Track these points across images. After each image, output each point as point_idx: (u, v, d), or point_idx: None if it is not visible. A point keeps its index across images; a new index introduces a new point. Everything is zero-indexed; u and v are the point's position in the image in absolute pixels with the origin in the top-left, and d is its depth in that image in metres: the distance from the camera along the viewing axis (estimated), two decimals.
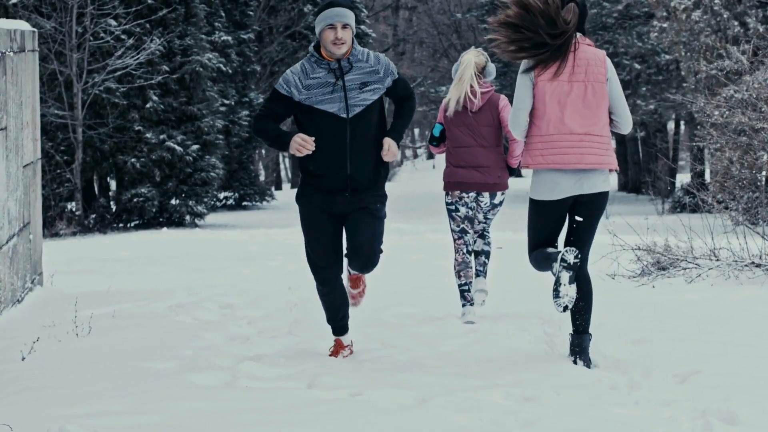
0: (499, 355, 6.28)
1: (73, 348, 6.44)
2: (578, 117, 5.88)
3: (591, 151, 5.88)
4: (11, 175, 8.05)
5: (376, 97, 6.14)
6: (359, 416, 4.77)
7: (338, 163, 6.10)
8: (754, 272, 9.78)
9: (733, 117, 12.10)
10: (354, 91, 6.09)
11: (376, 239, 6.16)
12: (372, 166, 6.18)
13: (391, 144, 6.15)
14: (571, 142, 5.87)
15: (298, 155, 6.04)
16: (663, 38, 28.21)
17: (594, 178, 5.92)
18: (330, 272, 6.27)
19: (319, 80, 6.07)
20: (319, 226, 6.21)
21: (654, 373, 5.65)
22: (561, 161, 5.87)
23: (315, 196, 6.19)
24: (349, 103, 6.07)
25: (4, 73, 7.79)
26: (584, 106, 5.88)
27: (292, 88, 6.10)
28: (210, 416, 4.75)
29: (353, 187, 6.14)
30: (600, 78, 5.91)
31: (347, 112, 6.07)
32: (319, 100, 6.06)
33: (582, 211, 6.01)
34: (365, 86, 6.10)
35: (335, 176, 6.12)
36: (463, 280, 8.04)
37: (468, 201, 8.07)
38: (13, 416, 4.71)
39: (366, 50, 6.20)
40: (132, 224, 28.16)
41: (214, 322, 7.73)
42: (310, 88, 6.07)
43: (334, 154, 6.09)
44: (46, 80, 26.23)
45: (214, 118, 29.71)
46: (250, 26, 38.65)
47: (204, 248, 17.35)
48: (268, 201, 38.58)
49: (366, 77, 6.12)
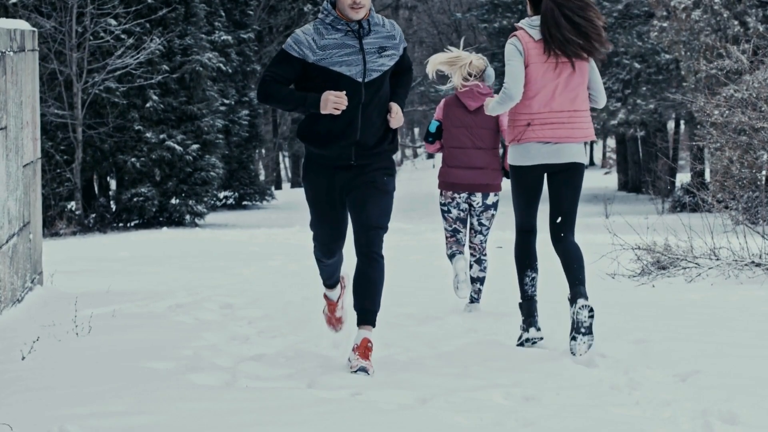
0: (499, 355, 6.27)
1: (73, 348, 6.43)
2: (567, 95, 6.32)
3: (579, 126, 6.35)
4: (11, 174, 8.05)
5: (392, 63, 5.91)
6: (359, 416, 4.76)
7: (348, 129, 5.83)
8: (754, 271, 9.78)
9: (733, 116, 12.10)
10: (373, 55, 5.82)
11: (384, 215, 5.93)
12: (381, 131, 5.94)
13: (398, 108, 5.94)
14: (562, 119, 6.31)
15: (335, 112, 5.70)
16: (663, 38, 28.22)
17: (568, 148, 6.36)
18: (337, 249, 6.20)
19: (336, 41, 5.76)
20: (327, 209, 6.02)
21: (654, 373, 5.65)
22: (552, 135, 6.32)
23: (321, 173, 5.95)
24: (368, 67, 5.79)
25: (3, 73, 7.79)
26: (571, 84, 6.33)
27: (305, 49, 5.75)
28: (210, 416, 4.75)
29: (359, 153, 5.88)
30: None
31: (364, 76, 5.79)
32: (336, 62, 5.75)
33: (560, 181, 6.41)
34: (383, 51, 5.84)
35: (343, 143, 5.85)
36: (453, 249, 8.29)
37: (460, 202, 8.21)
38: (13, 416, 4.71)
39: (380, 15, 5.96)
40: (132, 224, 28.18)
41: (215, 322, 7.73)
42: (326, 48, 5.74)
43: (344, 119, 5.80)
44: (46, 80, 26.24)
45: (214, 118, 29.74)
46: (250, 26, 38.66)
47: (204, 248, 17.35)
48: (268, 201, 38.59)
49: (384, 42, 5.86)
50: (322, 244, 6.16)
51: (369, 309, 5.95)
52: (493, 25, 41.85)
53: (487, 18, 42.47)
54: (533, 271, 6.62)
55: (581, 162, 6.43)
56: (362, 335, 5.87)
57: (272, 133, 47.40)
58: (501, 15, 41.40)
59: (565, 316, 7.71)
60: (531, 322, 6.59)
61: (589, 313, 6.16)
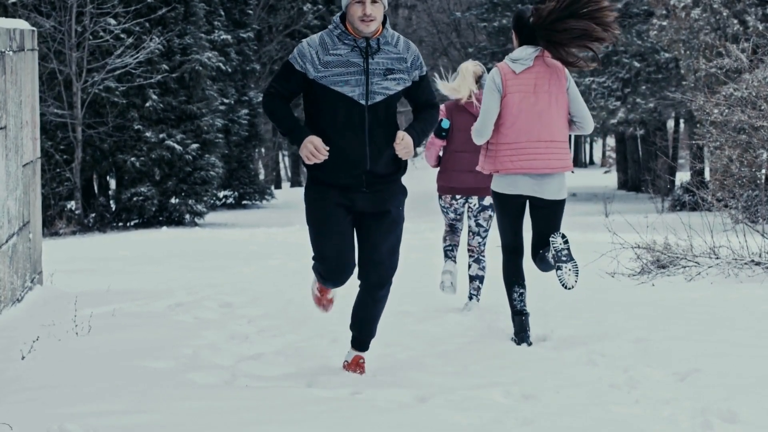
0: (498, 354, 6.28)
1: (73, 347, 6.44)
2: (545, 126, 6.44)
3: (557, 157, 6.47)
4: (11, 174, 8.05)
5: (399, 89, 5.44)
6: (359, 415, 4.77)
7: (356, 156, 5.39)
8: (753, 270, 9.78)
9: (733, 115, 12.10)
10: (377, 77, 5.37)
11: (395, 251, 5.58)
12: (392, 160, 5.48)
13: (405, 135, 5.39)
14: (538, 149, 6.43)
15: (308, 162, 5.33)
16: (662, 36, 28.22)
17: (552, 183, 6.52)
18: (347, 272, 5.58)
19: (339, 58, 5.34)
20: (336, 221, 5.48)
21: (654, 372, 5.66)
22: (530, 166, 6.44)
23: (328, 190, 5.47)
24: (370, 89, 5.35)
25: (3, 72, 7.79)
26: (549, 115, 6.45)
27: (307, 63, 5.36)
28: (210, 415, 4.75)
29: (371, 181, 5.44)
30: (561, 88, 6.49)
31: (366, 99, 5.36)
32: (337, 81, 5.33)
33: (541, 215, 6.61)
34: (390, 73, 5.39)
35: (352, 171, 5.41)
36: (448, 242, 8.40)
37: (458, 207, 8.34)
38: (13, 415, 4.71)
39: (396, 33, 5.46)
40: (131, 223, 28.18)
41: (214, 321, 7.73)
42: (328, 65, 5.33)
43: (351, 145, 5.38)
44: (46, 79, 26.24)
45: (213, 117, 29.74)
46: (250, 25, 38.66)
47: (204, 247, 17.35)
48: (267, 200, 38.59)
49: (392, 63, 5.40)
50: (331, 260, 5.52)
51: (365, 339, 5.83)
52: (493, 24, 41.84)
53: (487, 17, 42.46)
54: (521, 287, 6.74)
55: (563, 199, 6.61)
56: (354, 353, 5.86)
57: (272, 132, 47.40)
58: (500, 14, 41.38)
59: (561, 318, 7.72)
60: (523, 337, 6.65)
61: (562, 239, 6.35)
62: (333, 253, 5.51)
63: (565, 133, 6.53)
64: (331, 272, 5.57)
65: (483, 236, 8.35)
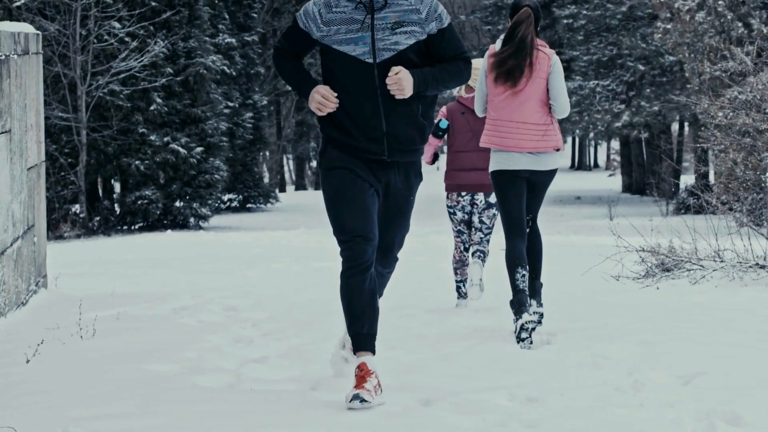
0: (503, 357, 6.28)
1: (78, 350, 6.44)
2: (517, 107, 6.90)
3: (527, 137, 6.90)
4: (15, 177, 8.06)
5: (410, 42, 5.01)
6: (363, 418, 4.77)
7: (371, 118, 5.04)
8: (758, 273, 9.76)
9: (737, 118, 12.09)
10: (384, 32, 4.98)
11: (402, 239, 5.40)
12: (412, 121, 5.10)
13: (401, 70, 4.96)
14: (510, 129, 6.91)
15: (318, 114, 5.03)
16: (667, 39, 28.21)
17: (545, 158, 6.96)
18: (368, 246, 5.03)
19: (342, 15, 5.00)
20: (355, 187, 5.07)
21: (658, 375, 5.65)
22: (501, 143, 6.93)
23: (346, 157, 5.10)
24: (377, 45, 4.97)
25: (8, 76, 7.80)
26: (525, 97, 6.88)
27: (310, 22, 5.07)
28: (214, 418, 4.75)
29: (392, 147, 5.08)
30: (542, 75, 6.90)
31: (374, 57, 4.98)
32: (340, 40, 5.00)
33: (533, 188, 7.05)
34: (398, 26, 4.99)
35: (369, 135, 5.05)
36: (458, 277, 8.66)
37: (465, 204, 8.57)
38: (17, 419, 4.71)
39: None
40: (136, 226, 28.21)
41: (218, 324, 7.73)
42: (330, 23, 5.02)
43: (363, 106, 5.04)
44: (50, 83, 26.28)
45: (218, 120, 29.76)
46: (254, 28, 38.72)
47: (208, 250, 17.36)
48: (272, 203, 38.64)
49: (402, 16, 5.01)
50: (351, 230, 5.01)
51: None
52: (497, 27, 41.90)
53: (491, 20, 42.50)
54: (523, 269, 6.93)
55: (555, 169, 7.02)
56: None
57: (276, 135, 47.44)
58: (505, 17, 41.42)
59: (566, 314, 7.71)
60: (522, 309, 6.76)
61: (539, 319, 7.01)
62: (350, 222, 5.02)
63: (540, 116, 6.92)
64: (351, 244, 5.01)
65: (485, 233, 8.55)
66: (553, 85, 6.94)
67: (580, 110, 37.49)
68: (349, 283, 5.07)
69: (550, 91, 6.95)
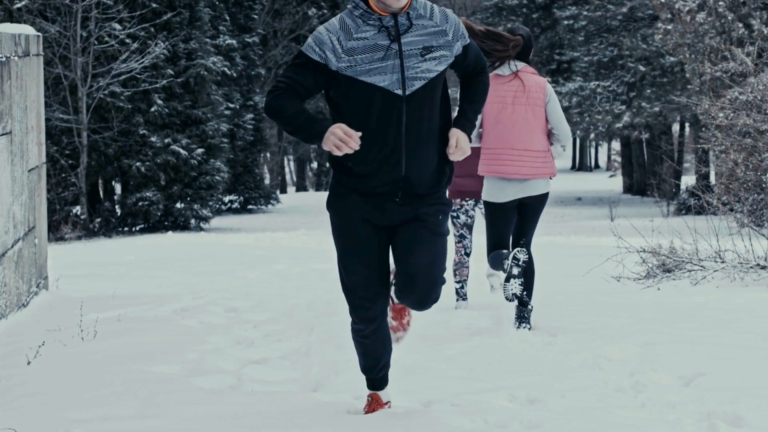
0: (504, 358, 6.27)
1: (79, 352, 6.44)
2: (519, 135, 7.05)
3: (528, 164, 7.04)
4: (16, 179, 8.06)
5: (441, 68, 4.53)
6: (365, 420, 4.77)
7: (390, 159, 4.51)
8: (759, 274, 9.76)
9: (738, 119, 12.09)
10: (413, 59, 4.47)
11: (437, 264, 4.63)
12: (434, 165, 4.60)
13: (460, 137, 4.54)
14: (512, 157, 7.05)
15: (336, 153, 4.39)
16: (667, 40, 28.20)
17: (535, 183, 7.09)
18: (375, 308, 4.69)
19: (366, 42, 4.43)
20: (362, 244, 4.62)
21: (659, 376, 5.65)
22: (501, 171, 7.06)
23: (354, 200, 4.59)
24: (407, 74, 4.45)
25: (9, 78, 7.80)
26: (524, 126, 7.05)
27: (327, 51, 4.43)
28: (215, 420, 4.75)
29: (406, 191, 4.57)
30: (539, 102, 7.09)
31: (403, 88, 4.46)
32: (366, 70, 4.42)
33: (526, 212, 7.18)
34: (428, 52, 4.49)
35: (384, 178, 4.53)
36: (457, 278, 8.72)
37: (468, 208, 8.68)
38: (18, 420, 4.72)
39: (428, 2, 4.58)
40: (137, 228, 28.21)
41: (220, 325, 7.74)
42: (353, 52, 4.42)
43: (384, 146, 4.49)
44: (51, 84, 26.28)
45: (218, 122, 29.76)
46: (255, 30, 38.71)
47: (209, 252, 17.36)
48: (273, 204, 38.65)
49: (430, 40, 4.50)
50: (355, 291, 4.68)
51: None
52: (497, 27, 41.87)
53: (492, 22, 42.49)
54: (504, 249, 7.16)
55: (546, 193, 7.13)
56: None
57: (277, 137, 47.45)
58: (505, 18, 41.42)
59: (567, 313, 7.71)
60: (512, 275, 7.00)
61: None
62: (356, 287, 4.67)
63: (540, 143, 7.09)
64: (355, 305, 4.71)
65: None
66: (552, 115, 7.11)
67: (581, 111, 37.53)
68: (359, 339, 4.87)
69: (551, 120, 7.12)
